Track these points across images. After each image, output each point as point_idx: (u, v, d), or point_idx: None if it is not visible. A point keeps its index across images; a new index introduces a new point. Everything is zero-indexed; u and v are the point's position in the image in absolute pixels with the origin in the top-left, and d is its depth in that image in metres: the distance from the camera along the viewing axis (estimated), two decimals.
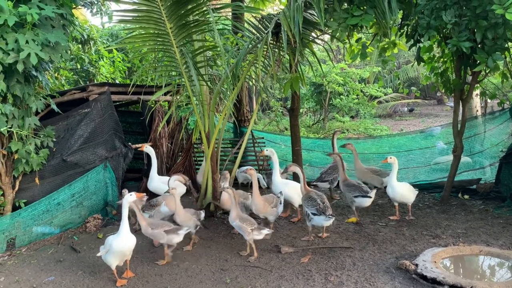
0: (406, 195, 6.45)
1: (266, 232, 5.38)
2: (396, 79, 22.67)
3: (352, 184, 6.58)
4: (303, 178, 5.99)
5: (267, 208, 5.90)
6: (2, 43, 5.45)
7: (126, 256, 4.84)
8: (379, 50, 7.67)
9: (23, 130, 6.21)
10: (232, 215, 5.42)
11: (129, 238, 4.79)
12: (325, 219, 5.55)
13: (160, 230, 5.23)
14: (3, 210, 6.45)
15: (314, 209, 5.60)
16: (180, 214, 5.60)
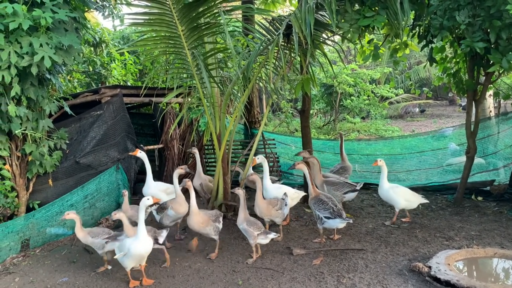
0: (394, 198, 6.32)
1: (272, 236, 5.36)
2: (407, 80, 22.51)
3: (337, 182, 6.80)
4: (310, 179, 5.98)
5: (271, 210, 5.86)
6: (16, 46, 5.53)
7: (143, 259, 4.81)
8: (390, 51, 7.61)
9: (37, 132, 6.29)
10: (240, 218, 5.39)
11: (146, 241, 4.73)
12: (341, 221, 5.56)
13: (100, 238, 5.24)
14: (17, 212, 6.55)
15: (328, 212, 5.57)
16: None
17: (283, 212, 5.98)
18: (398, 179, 9.07)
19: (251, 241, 5.30)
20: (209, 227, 5.47)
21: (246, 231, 5.32)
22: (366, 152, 10.20)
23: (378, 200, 7.83)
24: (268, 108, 7.85)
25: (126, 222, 4.99)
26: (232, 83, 6.70)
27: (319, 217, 5.64)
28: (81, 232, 5.27)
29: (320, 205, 5.66)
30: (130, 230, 4.91)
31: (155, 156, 9.79)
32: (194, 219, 5.44)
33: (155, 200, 5.03)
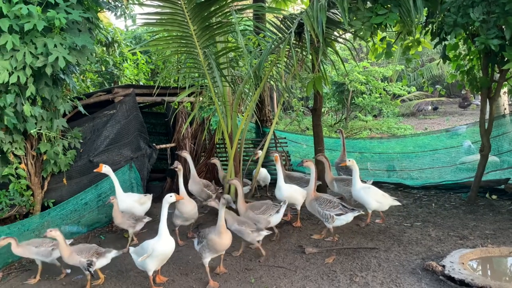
0: (365, 199, 6.09)
1: (266, 233, 5.35)
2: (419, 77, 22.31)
3: (346, 178, 6.79)
4: (314, 179, 5.93)
5: (249, 213, 5.66)
6: (31, 47, 5.61)
7: (166, 259, 4.71)
8: (403, 49, 7.56)
9: (51, 131, 6.37)
10: (228, 221, 5.27)
11: (170, 241, 4.62)
12: (353, 214, 5.64)
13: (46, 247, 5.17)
14: (32, 210, 6.64)
15: (338, 209, 5.60)
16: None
17: (267, 219, 5.67)
18: (411, 177, 9.03)
19: (247, 239, 5.31)
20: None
21: (240, 231, 5.28)
22: (378, 150, 10.17)
23: None
24: (279, 106, 7.83)
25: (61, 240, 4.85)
26: (244, 82, 6.72)
27: (329, 216, 5.61)
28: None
29: (327, 204, 5.65)
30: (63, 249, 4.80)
31: (167, 155, 9.85)
32: (188, 205, 5.73)
33: (178, 198, 4.98)
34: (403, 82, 11.04)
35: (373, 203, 6.06)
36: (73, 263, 4.87)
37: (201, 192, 7.09)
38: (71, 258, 4.83)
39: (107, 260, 4.95)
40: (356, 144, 10.28)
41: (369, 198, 6.06)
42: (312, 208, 5.81)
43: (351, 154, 9.92)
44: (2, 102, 5.65)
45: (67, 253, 4.84)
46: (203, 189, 7.12)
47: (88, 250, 4.87)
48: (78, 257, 4.79)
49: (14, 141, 6.16)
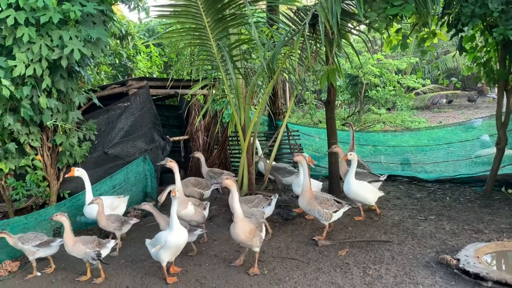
0: (365, 195, 6.09)
1: (199, 232, 5.36)
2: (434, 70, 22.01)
3: (359, 172, 6.70)
4: (308, 175, 5.68)
5: (243, 207, 5.44)
6: (47, 39, 5.67)
7: (179, 250, 4.75)
8: (418, 40, 7.46)
9: (67, 123, 6.45)
10: (161, 225, 5.32)
11: (182, 232, 4.66)
12: (344, 209, 5.70)
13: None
14: (48, 201, 6.75)
15: (335, 206, 5.59)
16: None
17: (261, 210, 5.73)
18: (425, 171, 8.95)
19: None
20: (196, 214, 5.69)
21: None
22: (392, 144, 10.08)
23: (404, 192, 7.75)
24: (293, 99, 7.81)
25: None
26: (257, 74, 6.71)
27: (329, 214, 5.52)
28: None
29: (326, 203, 5.59)
30: (161, 219, 5.05)
31: (181, 147, 9.92)
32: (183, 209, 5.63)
33: (174, 193, 4.77)
34: (418, 75, 10.90)
35: (372, 196, 6.13)
36: (76, 253, 4.89)
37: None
38: (75, 248, 4.86)
39: (108, 250, 5.04)
40: (370, 138, 10.20)
41: (369, 193, 6.12)
42: (312, 206, 5.57)
43: (364, 147, 9.88)
44: (19, 94, 5.73)
45: (71, 242, 4.87)
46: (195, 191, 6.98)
47: (92, 241, 4.92)
48: (84, 248, 4.83)
49: (31, 132, 6.25)
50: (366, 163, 7.80)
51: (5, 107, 5.88)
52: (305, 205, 5.65)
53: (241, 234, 4.67)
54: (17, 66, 5.54)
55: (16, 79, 5.74)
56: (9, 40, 5.55)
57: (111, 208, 6.19)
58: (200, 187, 6.96)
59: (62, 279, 5.04)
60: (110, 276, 5.05)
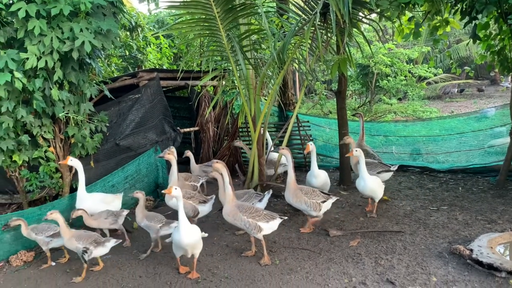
0: (375, 189, 6.01)
1: (176, 225, 5.21)
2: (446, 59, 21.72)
3: (370, 162, 6.67)
4: (292, 168, 5.61)
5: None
6: (58, 32, 5.68)
7: (189, 249, 4.56)
8: (430, 29, 7.35)
9: (78, 115, 6.48)
10: (138, 217, 5.39)
11: (188, 233, 4.47)
12: (332, 201, 5.66)
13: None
14: (61, 192, 6.82)
15: (321, 196, 5.54)
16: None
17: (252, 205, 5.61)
18: (437, 161, 8.88)
19: (153, 235, 5.34)
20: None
21: (148, 227, 5.32)
22: (403, 134, 9.99)
23: (416, 183, 7.70)
24: (303, 89, 7.76)
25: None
26: (267, 64, 6.67)
27: (317, 204, 5.47)
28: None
29: (312, 193, 5.53)
30: (64, 231, 4.94)
31: (191, 139, 9.94)
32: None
33: (167, 191, 4.71)
34: (430, 64, 10.76)
35: (380, 193, 6.05)
36: (70, 247, 4.95)
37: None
38: (69, 243, 4.89)
39: (106, 249, 4.98)
40: (381, 128, 10.12)
41: (380, 189, 6.03)
42: (298, 198, 5.49)
43: (375, 137, 9.81)
44: (31, 87, 5.76)
45: (67, 236, 4.90)
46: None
47: (88, 237, 4.89)
48: (75, 243, 4.83)
49: (43, 124, 6.30)
50: (377, 153, 7.75)
51: (18, 99, 5.92)
52: (291, 198, 5.57)
53: (230, 216, 4.90)
54: (29, 58, 5.56)
55: (28, 71, 5.77)
56: (20, 32, 5.57)
57: (105, 203, 6.05)
58: (190, 180, 7.00)
59: (76, 269, 5.11)
60: (123, 266, 5.11)
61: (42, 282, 4.88)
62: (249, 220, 4.84)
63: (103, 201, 6.04)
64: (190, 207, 5.73)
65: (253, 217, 4.86)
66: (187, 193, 5.81)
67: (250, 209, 4.93)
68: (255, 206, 5.07)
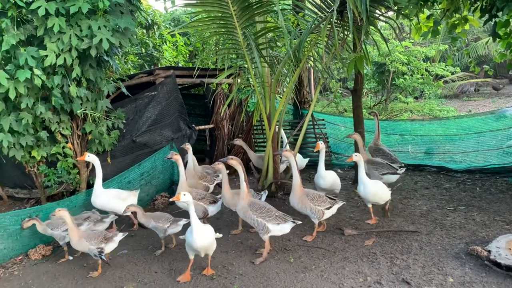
0: (378, 193, 5.70)
1: (184, 222, 5.33)
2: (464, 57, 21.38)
3: (378, 162, 6.59)
4: (296, 169, 5.46)
5: (236, 200, 5.50)
6: (77, 29, 5.75)
7: (200, 250, 4.50)
8: (448, 27, 7.24)
9: (96, 112, 6.56)
10: (140, 218, 5.36)
11: (199, 235, 4.39)
12: (338, 206, 5.52)
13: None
14: (78, 188, 6.92)
15: (327, 203, 5.41)
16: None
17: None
18: (454, 161, 8.77)
19: (161, 234, 5.31)
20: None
21: (156, 228, 5.29)
22: (419, 133, 9.90)
23: (432, 182, 7.61)
24: (318, 87, 7.73)
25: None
26: (283, 62, 6.66)
27: (321, 211, 5.34)
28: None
29: (319, 199, 5.39)
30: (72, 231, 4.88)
31: (206, 136, 9.98)
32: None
33: (175, 199, 4.59)
34: (448, 62, 10.58)
35: (385, 197, 5.79)
36: (81, 248, 4.93)
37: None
38: (79, 244, 4.85)
39: (115, 244, 5.00)
40: (397, 127, 10.03)
41: (387, 192, 5.78)
42: (303, 203, 5.35)
43: (391, 136, 9.74)
44: (50, 83, 5.86)
45: (76, 237, 4.84)
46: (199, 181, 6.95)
47: (97, 236, 4.88)
48: (87, 244, 4.81)
49: (61, 121, 6.39)
50: (393, 152, 7.68)
51: (37, 96, 6.02)
52: (296, 203, 5.40)
53: (241, 212, 4.99)
54: (48, 55, 5.65)
55: (47, 68, 5.86)
56: (40, 30, 5.66)
57: (120, 199, 6.07)
58: (205, 181, 6.97)
59: (93, 263, 5.18)
60: (139, 262, 5.16)
61: (60, 276, 4.96)
62: (258, 219, 4.84)
63: (118, 197, 6.08)
64: (201, 209, 5.75)
65: (263, 217, 4.85)
66: (199, 194, 5.82)
67: (261, 209, 4.91)
68: (269, 206, 5.03)
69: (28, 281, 4.90)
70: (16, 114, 5.92)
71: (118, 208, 5.99)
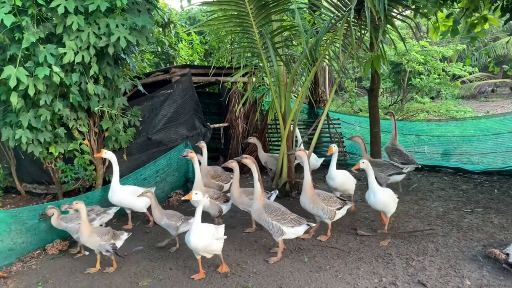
0: (387, 203, 5.33)
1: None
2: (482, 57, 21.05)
3: (382, 163, 6.62)
4: (308, 170, 5.37)
5: (244, 199, 5.57)
6: (95, 27, 5.81)
7: (199, 251, 4.49)
8: (467, 26, 7.14)
9: (113, 109, 6.62)
10: (156, 216, 5.28)
11: (196, 238, 4.36)
12: (347, 207, 5.47)
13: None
14: (95, 184, 7.00)
15: (338, 203, 5.37)
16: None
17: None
18: (471, 162, 8.64)
19: (173, 232, 5.27)
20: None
21: (169, 226, 5.26)
22: (436, 134, 9.78)
23: (449, 184, 7.52)
24: (334, 86, 7.69)
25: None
26: (299, 61, 6.64)
27: (333, 212, 5.30)
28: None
29: (330, 200, 5.36)
30: (84, 226, 4.89)
31: (220, 134, 10.01)
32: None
33: (188, 197, 4.53)
34: (467, 62, 10.44)
35: (393, 206, 5.42)
36: (90, 244, 4.90)
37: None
38: (90, 239, 4.85)
39: (121, 241, 5.02)
40: (413, 127, 9.93)
41: (392, 201, 5.39)
42: (315, 204, 5.28)
43: (407, 136, 9.64)
44: (68, 81, 5.93)
45: (87, 232, 4.84)
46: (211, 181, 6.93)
47: (107, 232, 4.92)
48: (98, 240, 4.83)
49: (79, 118, 6.47)
50: (410, 153, 7.61)
51: (55, 93, 6.10)
52: (308, 203, 5.32)
53: (256, 213, 4.95)
54: (66, 53, 5.72)
55: (65, 66, 5.93)
56: (59, 28, 5.73)
57: (135, 195, 6.04)
58: (219, 180, 6.95)
59: (108, 259, 5.23)
60: (154, 258, 5.20)
61: (77, 271, 5.02)
62: (273, 222, 4.82)
63: (134, 194, 6.12)
64: (217, 208, 5.77)
65: (278, 220, 4.82)
66: (215, 193, 5.84)
67: (276, 211, 4.89)
68: (284, 209, 4.99)
69: (46, 275, 4.98)
70: (35, 111, 6.01)
71: (134, 205, 6.06)
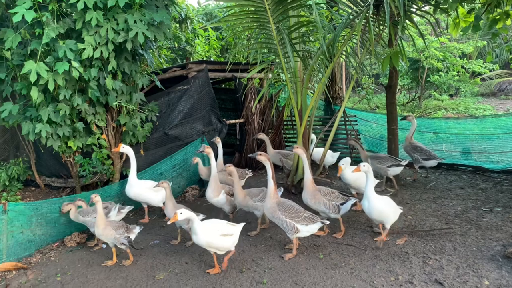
0: (384, 212, 4.88)
1: (202, 217, 5.25)
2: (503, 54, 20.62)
3: (380, 156, 6.81)
4: (308, 167, 5.38)
5: (248, 201, 5.54)
6: (113, 23, 5.87)
7: (205, 247, 4.51)
8: (489, 22, 6.99)
9: (130, 104, 6.69)
10: (168, 208, 5.25)
11: (201, 233, 4.39)
12: (351, 202, 5.40)
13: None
14: (112, 178, 7.08)
15: (340, 198, 5.33)
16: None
17: (263, 204, 5.43)
18: (491, 161, 8.49)
19: (184, 226, 5.26)
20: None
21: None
22: (454, 131, 9.63)
23: (467, 182, 7.40)
24: (352, 83, 7.62)
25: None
26: (316, 57, 6.60)
27: (336, 206, 5.28)
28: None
29: (331, 195, 5.33)
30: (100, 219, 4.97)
31: (236, 130, 10.03)
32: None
33: (172, 220, 4.43)
34: (488, 59, 10.24)
35: (393, 216, 4.98)
36: (105, 237, 4.95)
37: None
38: (104, 232, 4.91)
39: (134, 235, 5.08)
40: (431, 124, 9.79)
41: (390, 211, 4.93)
42: (317, 199, 5.26)
43: (425, 134, 9.51)
44: (87, 76, 6.00)
45: (102, 225, 4.92)
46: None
47: (121, 226, 4.99)
48: (113, 233, 4.90)
49: (97, 112, 6.55)
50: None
51: (74, 88, 6.19)
52: (309, 199, 5.30)
53: (269, 212, 4.90)
54: (85, 48, 5.79)
55: (84, 61, 6.01)
56: (78, 24, 5.80)
57: (153, 190, 6.21)
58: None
59: (124, 252, 5.30)
60: (170, 252, 5.25)
61: (94, 264, 5.10)
62: (287, 220, 4.80)
63: (151, 188, 6.20)
64: (233, 204, 5.80)
65: (292, 218, 4.81)
66: (231, 190, 5.85)
67: (290, 209, 4.87)
68: (297, 207, 4.96)
69: (64, 267, 5.07)
70: (54, 105, 6.10)
71: (151, 199, 6.13)
